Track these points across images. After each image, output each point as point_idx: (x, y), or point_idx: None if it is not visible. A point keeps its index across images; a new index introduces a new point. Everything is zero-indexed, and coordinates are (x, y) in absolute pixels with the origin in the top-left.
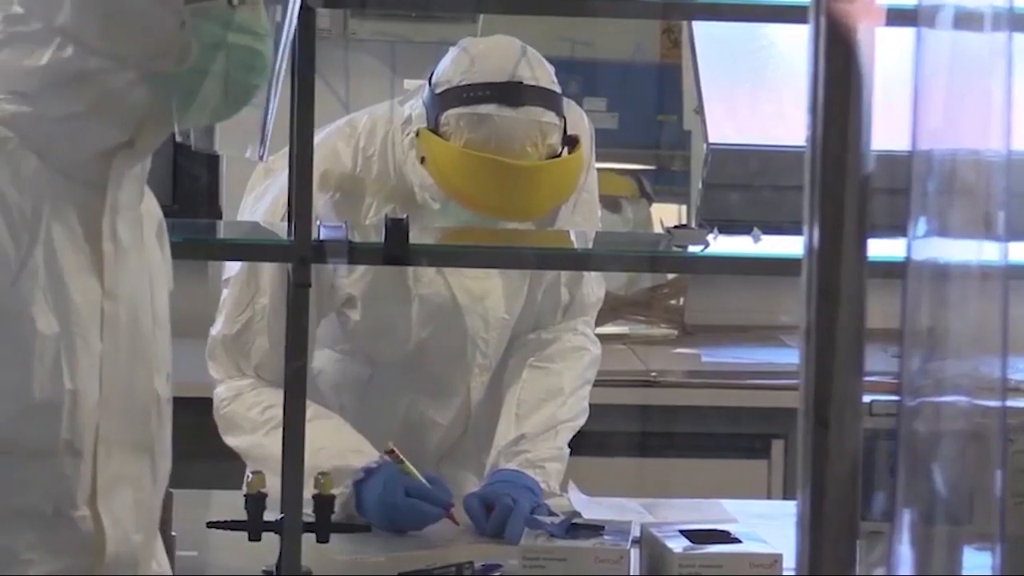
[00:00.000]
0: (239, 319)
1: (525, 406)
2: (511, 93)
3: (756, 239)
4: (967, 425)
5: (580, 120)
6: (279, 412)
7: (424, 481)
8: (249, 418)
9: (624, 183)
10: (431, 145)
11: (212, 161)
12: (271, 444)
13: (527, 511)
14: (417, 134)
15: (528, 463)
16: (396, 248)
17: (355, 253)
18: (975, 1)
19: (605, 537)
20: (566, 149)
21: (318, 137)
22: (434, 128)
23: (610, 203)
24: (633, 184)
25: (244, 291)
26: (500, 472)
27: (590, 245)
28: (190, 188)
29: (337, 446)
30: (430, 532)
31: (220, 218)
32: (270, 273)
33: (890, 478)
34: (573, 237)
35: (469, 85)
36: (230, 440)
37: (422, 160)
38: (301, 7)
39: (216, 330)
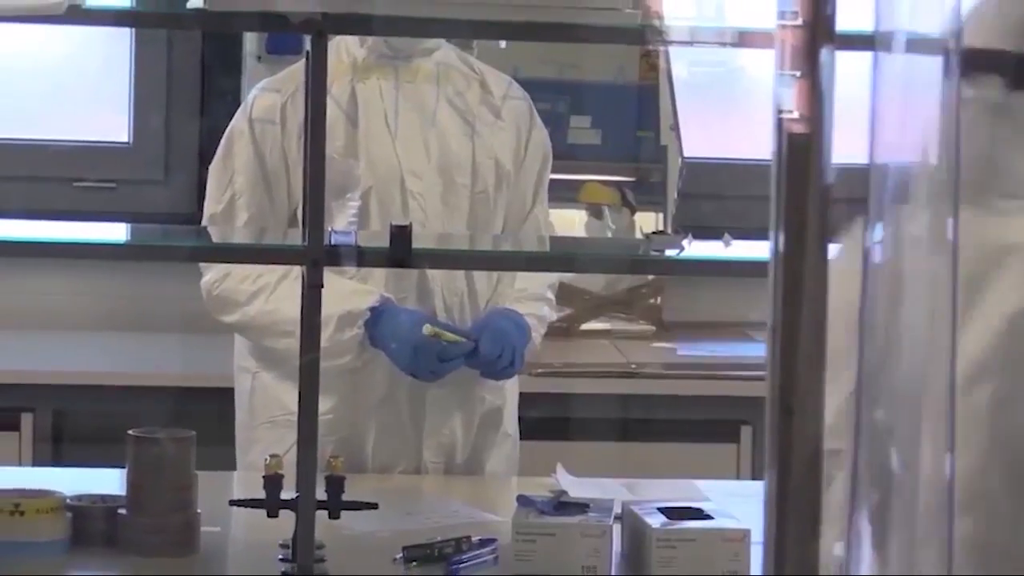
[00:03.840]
0: (222, 199)
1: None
2: None
3: (727, 244)
4: (919, 412)
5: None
6: (271, 278)
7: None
8: (242, 290)
9: (608, 193)
10: None
11: None
12: (273, 308)
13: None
14: None
15: (520, 303)
16: (400, 252)
17: (363, 256)
18: (926, 27)
19: (590, 514)
20: None
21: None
22: None
23: (595, 211)
24: (616, 194)
25: (223, 174)
26: (501, 313)
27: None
28: None
29: (339, 291)
30: (431, 506)
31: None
32: (244, 153)
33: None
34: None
35: None
36: (227, 318)
37: None
38: (315, 35)
39: (204, 215)
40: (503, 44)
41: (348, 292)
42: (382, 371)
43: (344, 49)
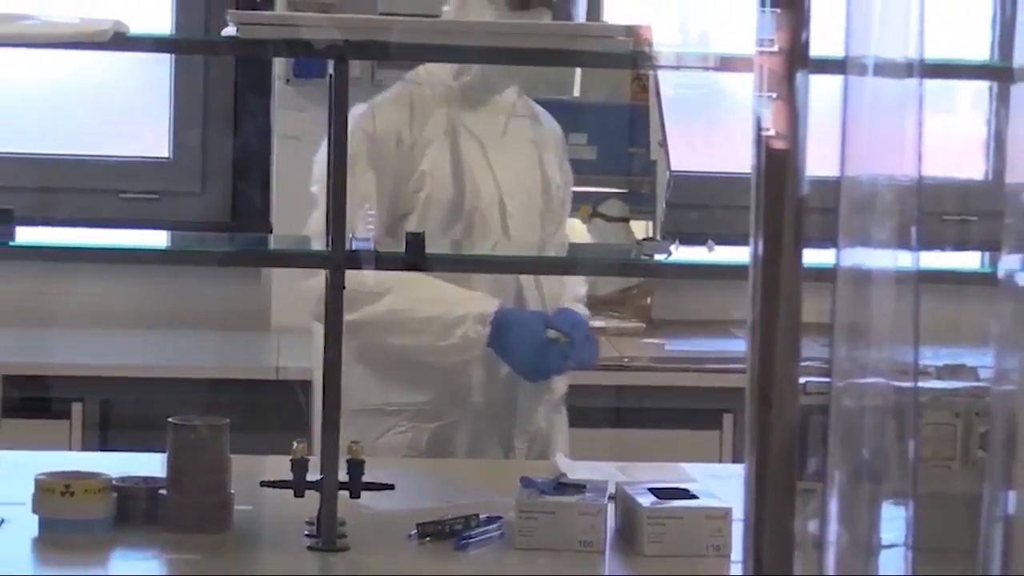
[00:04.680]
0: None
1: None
2: None
3: (710, 249)
4: (885, 402)
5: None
6: (391, 281)
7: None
8: (362, 291)
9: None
10: None
11: (264, 183)
12: (403, 307)
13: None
14: None
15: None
16: (415, 256)
17: (380, 260)
18: (892, 53)
19: (586, 494)
20: None
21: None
22: None
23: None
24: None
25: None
26: (564, 310)
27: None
28: (246, 207)
29: (459, 295)
30: (446, 487)
31: (271, 232)
32: (360, 171)
33: (821, 446)
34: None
35: None
36: (348, 316)
37: None
38: (337, 59)
39: (309, 226)
40: None
41: (470, 296)
42: (482, 365)
43: (439, 81)
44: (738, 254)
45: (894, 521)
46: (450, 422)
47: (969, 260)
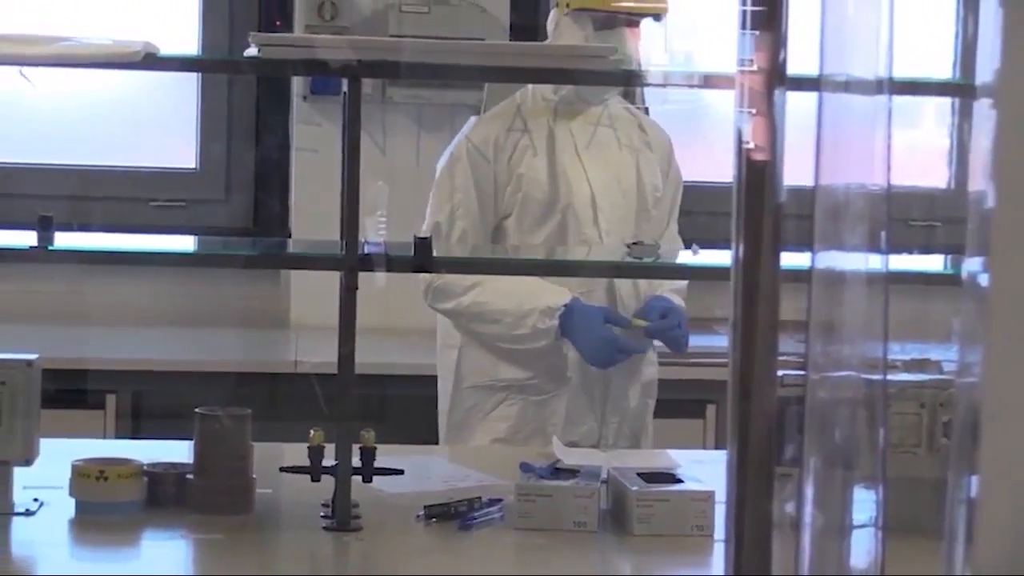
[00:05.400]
0: (443, 209)
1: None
2: None
3: (695, 252)
4: (856, 394)
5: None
6: (480, 276)
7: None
8: (458, 283)
9: None
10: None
11: (284, 192)
12: (484, 300)
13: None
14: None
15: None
16: (422, 260)
17: (391, 263)
18: (863, 71)
19: (581, 478)
20: None
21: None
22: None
23: None
24: None
25: (446, 190)
26: (657, 298)
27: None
28: (267, 214)
29: (538, 287)
30: (452, 472)
31: (290, 237)
32: (462, 175)
33: (797, 434)
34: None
35: None
36: (443, 306)
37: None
38: (351, 78)
39: (427, 222)
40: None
41: (543, 289)
42: (574, 352)
43: (541, 96)
44: (720, 257)
45: (865, 503)
46: (552, 395)
47: (933, 262)
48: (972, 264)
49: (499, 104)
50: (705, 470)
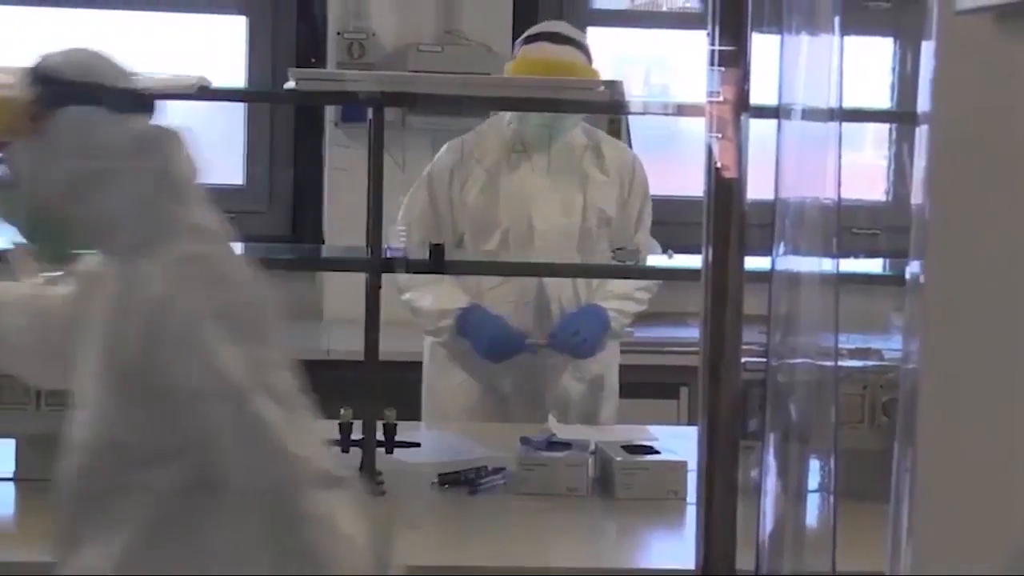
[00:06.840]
0: (407, 219)
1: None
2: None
3: (670, 256)
4: (810, 377)
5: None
6: (428, 279)
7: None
8: (405, 283)
9: None
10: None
11: (318, 205)
12: (413, 298)
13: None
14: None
15: (606, 301)
16: (437, 263)
17: (409, 265)
18: (816, 101)
19: (572, 450)
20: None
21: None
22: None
23: None
24: None
25: (408, 209)
26: (584, 306)
27: None
28: (304, 224)
29: (449, 294)
30: (462, 445)
31: (323, 243)
32: (421, 201)
33: (760, 412)
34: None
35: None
36: (402, 299)
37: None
38: (376, 108)
39: (400, 220)
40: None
41: (453, 296)
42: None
43: (506, 123)
44: (693, 260)
45: (818, 472)
46: (498, 383)
47: (875, 265)
48: (914, 266)
49: (466, 134)
50: (679, 443)
